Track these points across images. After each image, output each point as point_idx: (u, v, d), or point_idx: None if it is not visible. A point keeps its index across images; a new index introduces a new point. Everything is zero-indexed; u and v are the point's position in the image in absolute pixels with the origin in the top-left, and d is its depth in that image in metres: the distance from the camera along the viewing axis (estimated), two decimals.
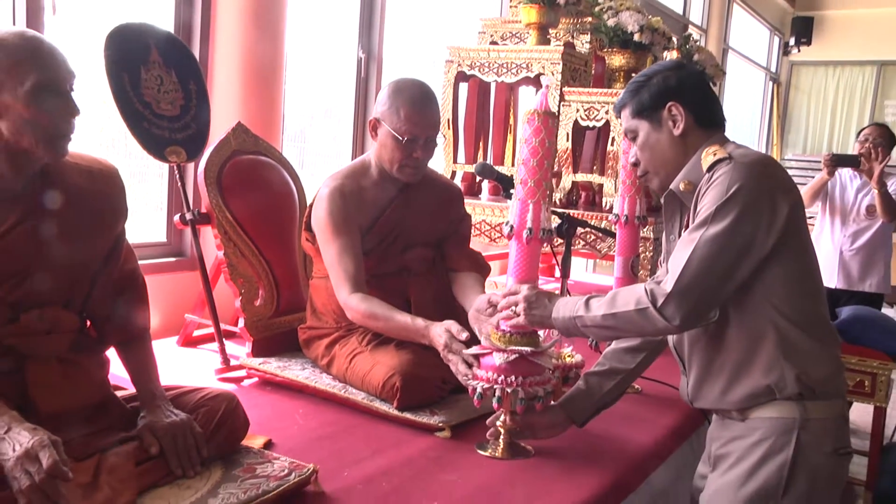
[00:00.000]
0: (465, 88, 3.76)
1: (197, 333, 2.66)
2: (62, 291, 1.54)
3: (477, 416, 1.95)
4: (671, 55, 4.14)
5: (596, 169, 3.58)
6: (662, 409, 2.24)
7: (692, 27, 7.47)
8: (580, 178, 3.46)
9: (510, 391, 1.74)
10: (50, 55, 1.42)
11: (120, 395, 1.66)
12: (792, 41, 9.99)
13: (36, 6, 2.35)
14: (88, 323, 1.65)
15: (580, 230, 3.10)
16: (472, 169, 3.57)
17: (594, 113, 3.31)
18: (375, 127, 2.20)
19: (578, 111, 3.35)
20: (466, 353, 1.83)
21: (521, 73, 3.43)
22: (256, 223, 2.50)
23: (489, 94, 3.85)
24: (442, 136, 3.49)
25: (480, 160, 3.76)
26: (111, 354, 1.68)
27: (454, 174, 3.65)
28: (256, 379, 2.27)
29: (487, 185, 3.81)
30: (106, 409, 1.59)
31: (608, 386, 1.87)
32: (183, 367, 2.39)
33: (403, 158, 2.16)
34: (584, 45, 3.73)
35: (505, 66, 3.47)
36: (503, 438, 1.84)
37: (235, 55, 2.90)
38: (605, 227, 3.00)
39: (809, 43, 9.91)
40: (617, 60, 3.77)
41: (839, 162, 4.11)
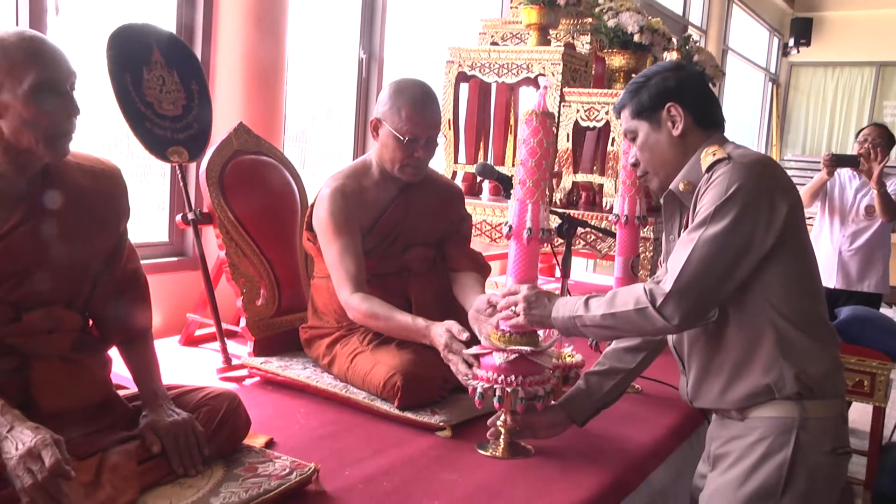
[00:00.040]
0: (465, 89, 3.76)
1: (199, 333, 2.66)
2: (65, 291, 1.54)
3: (478, 415, 1.95)
4: (671, 56, 4.14)
5: (596, 169, 3.58)
6: (662, 408, 2.23)
7: (692, 28, 7.47)
8: (580, 178, 3.46)
9: (510, 391, 1.73)
10: (49, 54, 1.41)
11: (122, 394, 1.66)
12: (791, 42, 9.98)
13: (39, 7, 2.36)
14: (91, 322, 1.65)
15: (580, 230, 3.10)
16: (472, 169, 3.58)
17: (594, 113, 3.31)
18: (377, 127, 2.20)
19: (579, 112, 3.35)
20: (466, 353, 1.83)
21: (521, 73, 3.43)
22: (258, 223, 2.50)
23: (490, 94, 3.86)
24: (443, 136, 3.49)
25: (481, 160, 3.76)
26: (113, 354, 1.68)
27: (455, 174, 3.65)
28: (258, 378, 2.27)
29: (488, 185, 3.81)
30: (108, 408, 1.59)
31: (608, 385, 1.87)
32: (185, 366, 2.39)
33: (404, 158, 2.17)
34: (584, 45, 3.73)
35: (505, 66, 3.47)
36: (503, 438, 1.83)
37: (237, 55, 2.90)
38: (605, 227, 3.00)
39: (808, 44, 9.90)
40: (617, 61, 3.78)
41: (838, 162, 4.10)
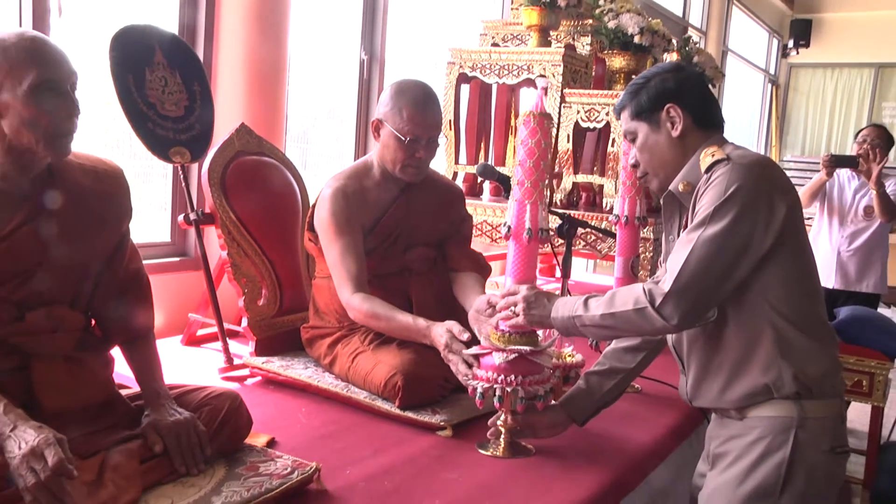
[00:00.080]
0: (466, 90, 3.76)
1: (201, 333, 2.66)
2: (67, 290, 1.54)
3: (478, 415, 1.95)
4: (671, 57, 4.15)
5: (596, 170, 3.59)
6: (662, 408, 2.24)
7: (692, 29, 7.47)
8: (581, 179, 3.47)
9: (510, 390, 1.74)
10: (49, 54, 1.41)
11: (124, 393, 1.66)
12: (790, 43, 9.98)
13: (42, 8, 2.36)
14: (93, 322, 1.65)
15: (581, 231, 3.11)
16: (473, 170, 3.59)
17: (595, 114, 3.32)
18: (378, 128, 2.21)
19: (579, 112, 3.35)
20: (466, 353, 1.84)
21: (522, 74, 3.44)
22: (260, 223, 2.50)
23: (490, 95, 3.86)
24: (444, 137, 3.49)
25: (482, 161, 3.76)
26: (116, 353, 1.68)
27: (456, 175, 3.66)
28: (259, 378, 2.28)
29: (489, 185, 3.82)
30: (110, 407, 1.59)
31: (608, 385, 1.87)
32: (187, 365, 2.40)
33: (406, 158, 2.17)
34: (584, 46, 3.74)
35: (506, 67, 3.48)
36: (504, 437, 1.84)
37: (239, 57, 2.91)
38: (605, 227, 3.01)
39: (808, 45, 9.91)
40: (617, 62, 3.79)
41: (838, 163, 4.11)
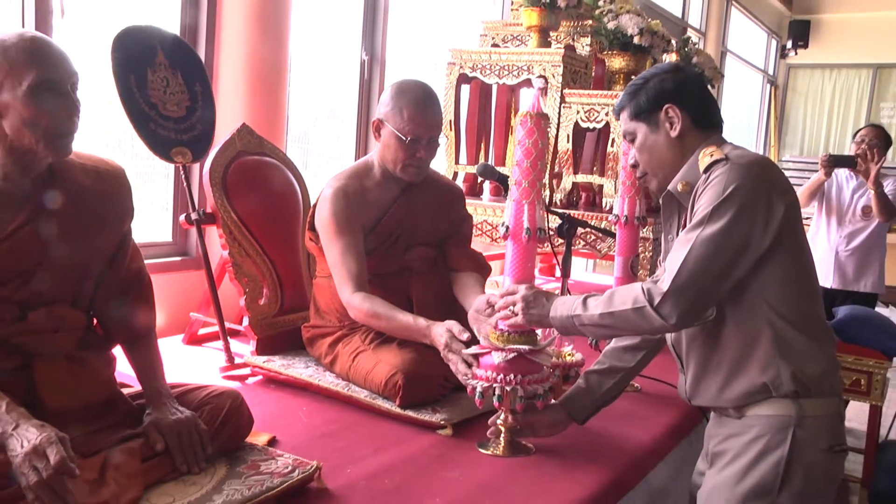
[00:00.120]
0: (466, 90, 3.77)
1: (202, 332, 2.66)
2: (69, 290, 1.55)
3: (478, 414, 1.95)
4: (670, 58, 4.16)
5: (596, 170, 3.60)
6: (661, 407, 2.24)
7: (691, 30, 7.48)
8: (580, 178, 3.47)
9: (509, 389, 1.74)
10: (49, 55, 1.41)
11: (126, 392, 1.66)
12: (789, 44, 10.00)
13: (44, 9, 2.36)
14: (95, 321, 1.66)
15: (580, 230, 3.11)
16: (473, 170, 3.60)
17: (594, 115, 3.33)
18: (379, 128, 2.21)
19: (579, 113, 3.36)
20: (466, 352, 1.84)
21: (522, 75, 3.45)
22: (261, 223, 2.51)
23: (491, 95, 3.87)
24: (444, 137, 3.50)
25: (482, 161, 3.77)
26: (117, 352, 1.68)
27: (456, 175, 3.66)
28: (260, 377, 2.28)
29: (489, 185, 3.83)
30: (112, 406, 1.59)
31: (608, 384, 1.88)
32: (188, 364, 2.40)
33: (407, 158, 2.17)
34: (584, 47, 3.75)
35: (506, 68, 3.49)
36: (504, 436, 1.84)
37: (240, 57, 2.92)
38: (605, 227, 3.01)
39: (806, 46, 9.93)
40: (617, 63, 3.80)
41: (836, 163, 4.11)
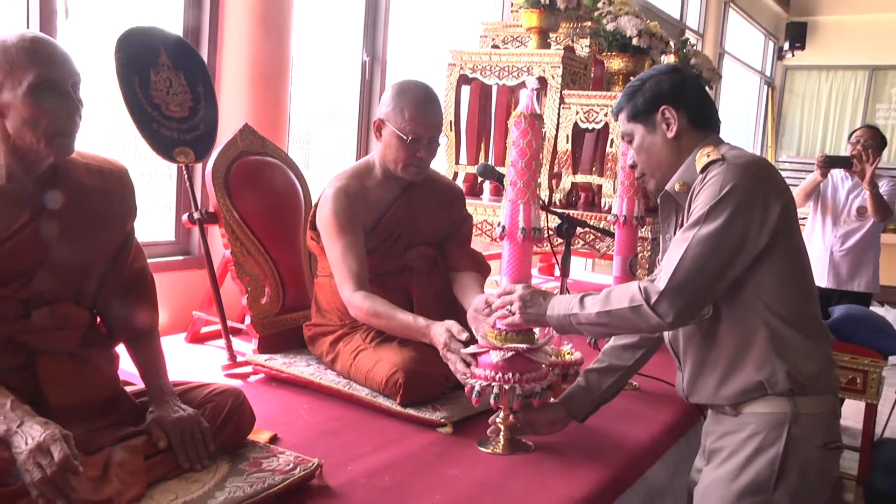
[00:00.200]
0: (467, 91, 3.78)
1: (204, 330, 2.67)
2: (72, 288, 1.56)
3: (478, 412, 1.96)
4: (669, 59, 4.18)
5: (595, 170, 3.60)
6: (659, 405, 2.25)
7: (689, 32, 7.49)
8: (580, 179, 3.48)
9: (508, 388, 1.75)
10: (49, 55, 1.42)
11: (129, 390, 1.67)
12: (786, 46, 10.02)
13: (49, 10, 2.38)
14: (98, 319, 1.66)
15: (580, 230, 3.12)
16: (473, 170, 3.61)
17: (593, 115, 3.34)
18: (380, 128, 2.22)
19: (578, 113, 3.37)
20: (464, 352, 1.85)
21: (521, 76, 3.45)
22: (263, 222, 2.52)
23: (490, 96, 3.87)
24: (444, 137, 3.51)
25: (482, 161, 3.77)
26: (121, 350, 1.70)
27: (456, 175, 3.67)
28: (262, 375, 2.29)
29: (489, 185, 3.84)
30: (115, 403, 1.60)
31: (607, 382, 1.89)
32: (191, 363, 2.41)
33: (407, 158, 2.18)
34: (583, 48, 3.76)
35: (506, 69, 3.50)
36: (503, 435, 1.85)
37: (242, 58, 2.93)
38: (603, 227, 3.02)
39: (803, 48, 9.95)
40: (616, 64, 3.81)
41: (832, 163, 4.13)
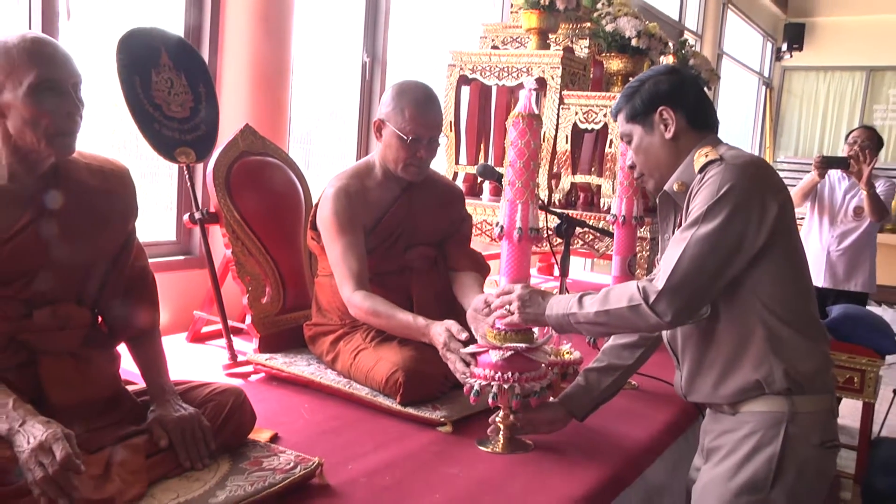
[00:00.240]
0: (466, 91, 3.78)
1: (205, 330, 2.68)
2: (73, 288, 1.56)
3: (478, 411, 1.97)
4: (667, 60, 4.18)
5: (594, 170, 3.61)
6: (658, 404, 2.26)
7: (688, 33, 7.50)
8: (579, 179, 3.49)
9: (507, 387, 1.75)
10: (49, 55, 1.43)
11: (130, 389, 1.68)
12: (784, 47, 10.03)
13: (51, 11, 2.39)
14: (99, 319, 1.67)
15: (579, 230, 3.13)
16: (473, 170, 3.61)
17: (593, 116, 3.34)
18: (380, 128, 2.22)
19: (577, 114, 3.37)
20: (464, 351, 1.85)
21: (521, 76, 3.45)
22: (263, 222, 2.52)
23: (490, 97, 3.88)
24: (444, 137, 3.52)
25: (481, 161, 3.78)
26: (122, 350, 1.70)
27: (456, 175, 3.67)
28: (263, 374, 2.30)
29: (488, 185, 3.84)
30: (117, 402, 1.61)
31: (607, 381, 1.90)
32: (192, 362, 2.42)
33: (408, 158, 2.19)
34: (582, 49, 3.76)
35: (506, 69, 3.50)
36: (503, 434, 1.86)
37: (243, 58, 2.93)
38: (603, 227, 3.03)
39: (801, 49, 9.96)
40: (615, 64, 3.81)
41: (829, 164, 4.14)
